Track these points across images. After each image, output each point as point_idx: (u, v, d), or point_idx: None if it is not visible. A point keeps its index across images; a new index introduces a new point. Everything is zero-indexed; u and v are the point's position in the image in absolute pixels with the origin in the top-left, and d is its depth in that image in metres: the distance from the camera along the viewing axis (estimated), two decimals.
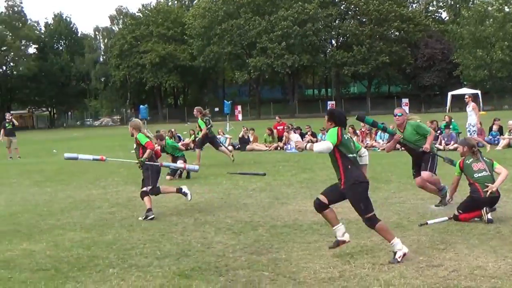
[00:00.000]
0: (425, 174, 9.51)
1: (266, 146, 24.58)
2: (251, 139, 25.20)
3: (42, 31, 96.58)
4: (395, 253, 6.46)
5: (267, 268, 6.46)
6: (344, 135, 6.65)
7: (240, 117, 58.47)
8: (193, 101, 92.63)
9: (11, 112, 44.62)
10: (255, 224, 8.87)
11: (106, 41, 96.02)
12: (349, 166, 6.61)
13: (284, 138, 24.61)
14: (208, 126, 17.86)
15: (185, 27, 79.87)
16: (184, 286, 5.91)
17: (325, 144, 6.55)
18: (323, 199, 6.94)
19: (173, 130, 26.11)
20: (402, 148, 10.12)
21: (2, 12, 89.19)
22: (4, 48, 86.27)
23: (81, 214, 10.35)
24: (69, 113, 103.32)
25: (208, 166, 17.96)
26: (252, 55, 75.48)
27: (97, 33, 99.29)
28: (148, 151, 9.84)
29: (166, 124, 57.26)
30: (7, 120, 25.61)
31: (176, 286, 5.92)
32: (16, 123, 26.16)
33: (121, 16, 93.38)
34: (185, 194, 10.32)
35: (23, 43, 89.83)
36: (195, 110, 18.40)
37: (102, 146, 31.50)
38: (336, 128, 6.64)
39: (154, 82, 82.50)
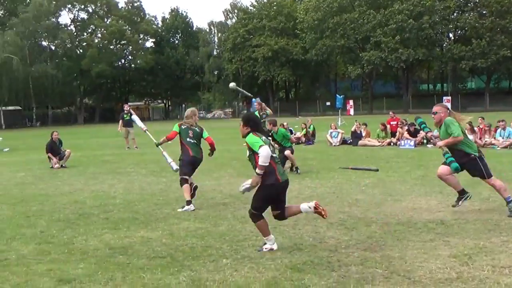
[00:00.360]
0: (489, 180, 8.99)
1: (379, 142, 24.18)
2: (363, 134, 24.87)
3: (159, 26, 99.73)
4: (264, 244, 7.22)
5: (380, 265, 6.35)
6: (260, 138, 7.13)
7: (352, 111, 57.79)
8: (304, 94, 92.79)
9: (129, 103, 46.30)
10: (368, 220, 8.75)
11: (220, 35, 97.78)
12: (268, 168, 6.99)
13: (397, 133, 24.12)
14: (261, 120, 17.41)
15: (297, 21, 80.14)
16: (296, 279, 5.91)
17: (263, 152, 6.87)
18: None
19: (285, 123, 26.19)
20: None
21: (122, 7, 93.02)
22: (124, 42, 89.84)
23: (195, 204, 10.58)
24: (183, 105, 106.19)
25: (320, 161, 17.96)
26: (365, 49, 74.62)
27: (211, 27, 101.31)
28: (164, 138, 10.97)
29: (277, 118, 57.61)
30: (125, 112, 26.58)
31: (288, 279, 5.92)
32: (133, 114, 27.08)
33: (235, 10, 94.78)
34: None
35: (141, 37, 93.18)
36: (256, 103, 18.29)
37: (214, 139, 32.02)
38: (252, 133, 7.19)
39: (266, 75, 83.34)
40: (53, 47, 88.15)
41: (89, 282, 6.02)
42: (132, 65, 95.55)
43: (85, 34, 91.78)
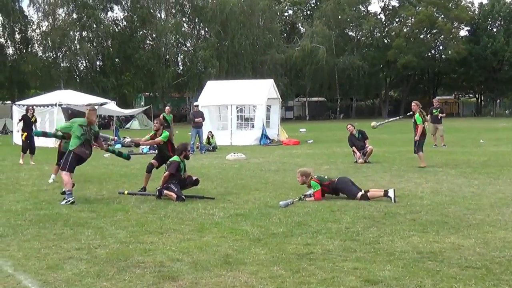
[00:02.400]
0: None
1: None
2: None
3: (476, 12, 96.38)
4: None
5: None
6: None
7: None
8: None
9: (437, 97, 45.82)
10: None
11: None
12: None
13: None
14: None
15: None
16: None
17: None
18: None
19: None
20: None
21: None
22: (435, 30, 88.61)
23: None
24: (498, 100, 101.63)
25: None
26: None
27: None
28: None
29: None
30: (434, 107, 26.54)
31: None
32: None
33: None
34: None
35: (454, 25, 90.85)
36: (413, 104, 18.10)
37: None
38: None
39: None
40: (360, 37, 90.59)
41: (396, 286, 6.06)
42: (443, 56, 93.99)
43: (394, 23, 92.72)
